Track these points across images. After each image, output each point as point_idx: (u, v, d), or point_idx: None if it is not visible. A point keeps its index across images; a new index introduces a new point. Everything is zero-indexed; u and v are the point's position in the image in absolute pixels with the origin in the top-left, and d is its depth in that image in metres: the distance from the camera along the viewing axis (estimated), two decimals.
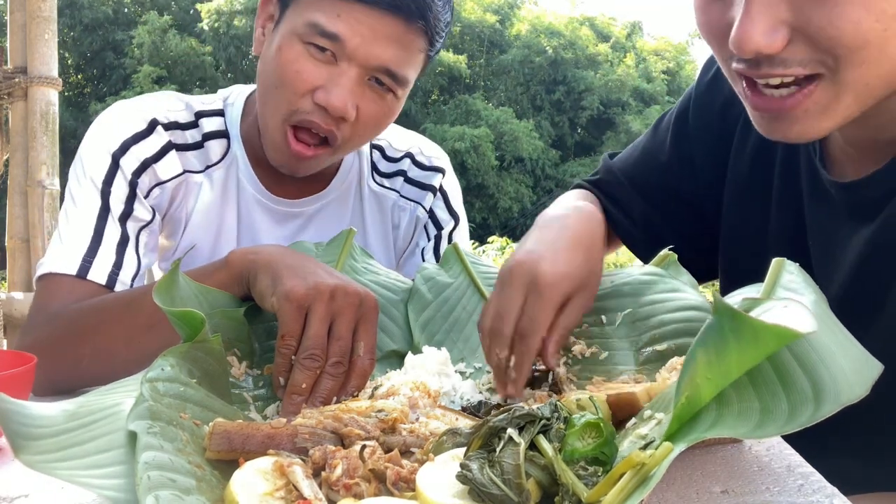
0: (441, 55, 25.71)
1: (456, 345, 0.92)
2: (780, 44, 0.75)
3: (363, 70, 1.08)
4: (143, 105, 1.22)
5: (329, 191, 1.30)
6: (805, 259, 0.92)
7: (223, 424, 0.59)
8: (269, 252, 0.88)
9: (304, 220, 1.30)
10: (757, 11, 0.74)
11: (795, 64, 0.76)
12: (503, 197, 23.86)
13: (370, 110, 1.11)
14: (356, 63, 1.07)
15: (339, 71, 1.07)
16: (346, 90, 1.07)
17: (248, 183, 1.25)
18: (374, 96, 1.10)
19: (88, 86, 25.07)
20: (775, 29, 0.74)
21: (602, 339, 0.87)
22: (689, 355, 0.53)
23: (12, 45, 3.10)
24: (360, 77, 1.08)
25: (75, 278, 1.08)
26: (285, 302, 0.77)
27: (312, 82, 1.07)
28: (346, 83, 1.07)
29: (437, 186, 1.36)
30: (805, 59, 0.76)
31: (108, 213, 1.13)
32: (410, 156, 1.36)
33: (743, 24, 0.75)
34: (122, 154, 1.16)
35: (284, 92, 1.09)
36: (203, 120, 1.25)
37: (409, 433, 0.63)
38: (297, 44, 1.07)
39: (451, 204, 1.37)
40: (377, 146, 1.36)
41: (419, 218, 1.35)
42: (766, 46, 0.75)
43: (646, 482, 0.48)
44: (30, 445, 0.53)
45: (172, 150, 1.20)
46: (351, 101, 1.07)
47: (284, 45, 1.08)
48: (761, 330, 0.51)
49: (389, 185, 1.35)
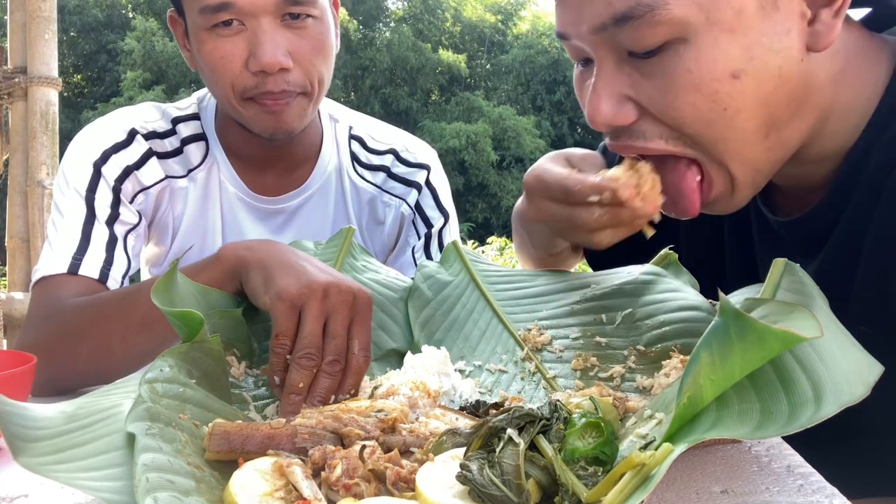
0: (441, 54, 25.74)
1: (455, 343, 0.92)
2: (627, 117, 0.78)
3: (270, 16, 1.10)
4: (121, 117, 1.25)
5: (309, 184, 1.31)
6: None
7: (222, 425, 0.59)
8: (261, 248, 0.87)
9: (287, 215, 1.30)
10: (601, 87, 0.78)
11: (655, 137, 0.78)
12: (506, 196, 23.85)
13: (302, 46, 1.12)
14: (259, 14, 1.09)
15: (252, 31, 1.10)
16: (267, 44, 1.09)
17: (229, 182, 1.27)
18: (295, 31, 1.12)
19: (88, 86, 25.08)
20: (620, 102, 0.77)
21: (602, 337, 0.87)
22: (693, 356, 0.53)
23: (12, 45, 3.10)
24: (274, 23, 1.10)
25: (67, 275, 1.09)
26: (278, 301, 0.77)
27: (239, 56, 1.10)
28: (263, 38, 1.09)
29: (423, 182, 1.36)
30: (665, 134, 0.78)
31: (95, 218, 1.16)
32: (395, 152, 1.37)
33: (591, 100, 0.79)
34: (104, 163, 1.19)
35: (224, 79, 1.12)
36: (180, 125, 1.27)
37: (408, 433, 0.63)
38: (206, 35, 1.11)
39: (441, 200, 1.36)
40: (357, 137, 1.37)
41: (405, 215, 1.35)
42: (613, 118, 0.78)
43: (646, 483, 0.47)
44: (29, 447, 0.52)
45: (153, 157, 1.23)
46: (279, 51, 1.09)
47: (200, 43, 1.12)
48: (766, 333, 0.51)
49: (370, 178, 1.35)
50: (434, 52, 25.04)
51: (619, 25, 0.74)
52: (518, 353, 0.89)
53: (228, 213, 1.27)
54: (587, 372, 0.84)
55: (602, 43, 0.77)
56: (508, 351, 0.90)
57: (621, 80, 0.77)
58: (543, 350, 0.89)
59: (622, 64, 0.78)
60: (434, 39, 26.51)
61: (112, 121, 1.24)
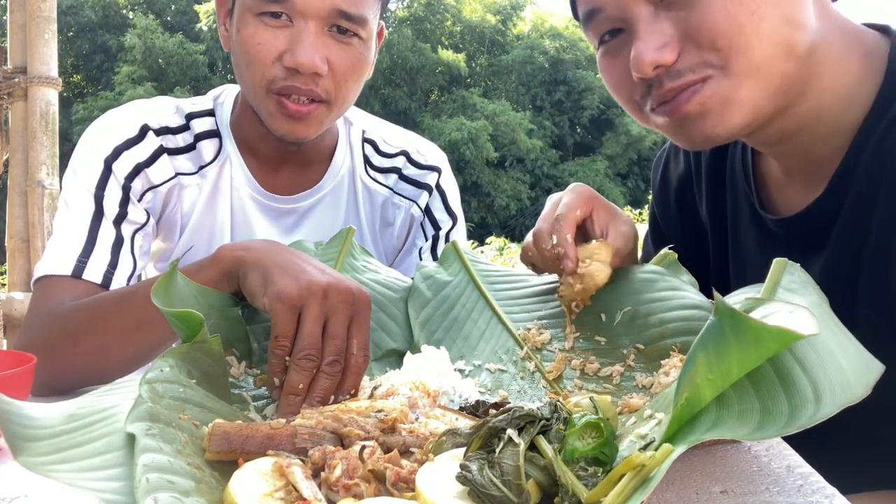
0: (441, 54, 25.73)
1: (455, 343, 0.92)
2: (672, 54, 0.84)
3: (320, 22, 1.10)
4: (134, 111, 1.24)
5: (322, 185, 1.31)
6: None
7: (222, 425, 0.59)
8: (259, 248, 0.87)
9: (299, 215, 1.30)
10: (645, 33, 0.84)
11: (687, 72, 0.84)
12: (500, 195, 23.86)
13: (341, 59, 1.12)
14: (311, 17, 1.09)
15: (297, 30, 1.10)
16: (309, 46, 1.09)
17: (241, 180, 1.26)
18: (339, 45, 1.12)
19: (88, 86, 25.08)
20: (665, 43, 0.84)
21: (601, 336, 0.87)
22: (690, 356, 0.53)
23: (12, 45, 3.10)
24: (320, 29, 1.10)
25: (70, 278, 1.09)
26: (278, 303, 0.77)
27: (277, 48, 1.10)
28: (307, 39, 1.09)
29: (434, 185, 1.36)
30: (695, 65, 0.84)
31: (102, 217, 1.15)
32: (406, 154, 1.37)
33: (637, 48, 0.85)
34: (115, 159, 1.18)
35: (256, 66, 1.11)
36: (194, 121, 1.26)
37: (408, 433, 0.63)
38: (251, 19, 1.11)
39: (450, 204, 1.37)
40: (370, 140, 1.37)
41: (414, 216, 1.35)
42: (661, 59, 0.84)
43: (646, 484, 0.47)
44: (29, 447, 0.52)
45: (164, 154, 1.22)
46: (318, 55, 1.10)
47: (241, 26, 1.12)
48: (762, 332, 0.51)
49: (383, 180, 1.35)
50: (434, 53, 25.06)
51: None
52: (518, 353, 0.89)
53: (238, 210, 1.27)
54: (587, 371, 0.84)
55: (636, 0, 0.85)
56: (508, 350, 0.90)
57: (661, 24, 0.84)
58: (543, 349, 0.89)
59: (658, 11, 0.85)
60: (434, 40, 26.51)
61: (125, 115, 1.23)
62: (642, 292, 0.88)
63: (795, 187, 0.96)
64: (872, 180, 0.85)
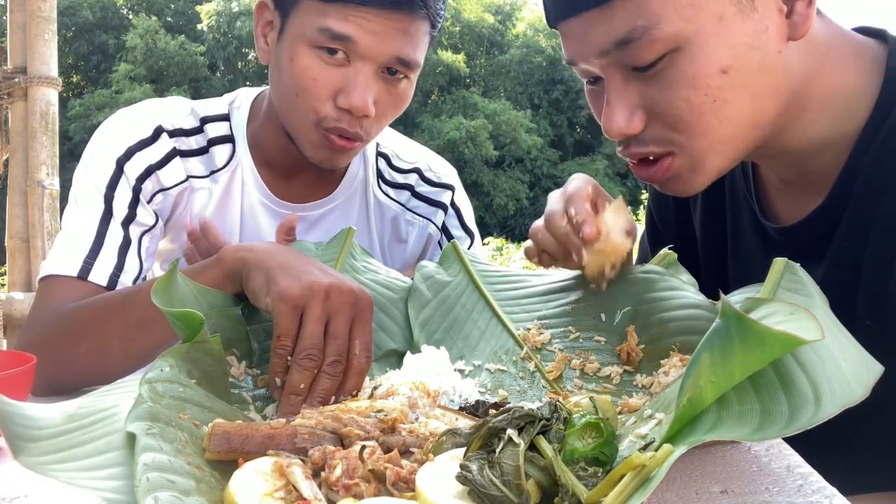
0: (441, 55, 25.74)
1: (455, 343, 0.92)
2: (639, 124, 0.87)
3: (376, 65, 1.10)
4: (148, 111, 1.23)
5: (335, 196, 1.31)
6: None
7: (222, 425, 0.59)
8: (262, 249, 0.87)
9: (309, 224, 1.30)
10: (615, 100, 0.87)
11: (651, 143, 0.88)
12: (499, 195, 23.86)
13: (386, 100, 1.13)
14: (369, 60, 1.09)
15: (354, 71, 1.09)
16: (364, 89, 1.09)
17: (253, 187, 1.26)
18: (388, 87, 1.13)
19: (87, 87, 25.06)
20: (632, 113, 0.86)
21: (601, 336, 0.87)
22: (694, 357, 0.53)
23: (12, 45, 3.10)
24: (375, 72, 1.10)
25: (76, 279, 1.09)
26: (280, 303, 0.77)
27: (331, 87, 1.09)
28: (362, 82, 1.09)
29: (449, 203, 1.37)
30: (659, 139, 0.87)
31: (111, 217, 1.14)
32: (418, 171, 1.37)
33: (607, 114, 0.88)
34: (127, 160, 1.17)
35: (307, 99, 1.11)
36: (208, 125, 1.26)
37: (408, 433, 0.63)
38: (307, 50, 1.09)
39: (465, 221, 1.38)
40: (383, 154, 1.37)
41: (431, 235, 1.36)
42: (627, 129, 0.87)
43: (646, 484, 0.47)
44: (29, 447, 0.52)
45: (176, 156, 1.21)
46: (370, 97, 1.10)
47: (295, 54, 1.10)
48: (767, 336, 0.51)
49: (395, 196, 1.36)
50: (434, 53, 25.05)
51: (621, 48, 0.83)
52: (518, 353, 0.89)
53: (249, 216, 1.27)
54: (587, 371, 0.84)
55: (608, 64, 0.86)
56: (508, 350, 0.90)
57: (630, 93, 0.86)
58: (543, 349, 0.89)
59: (628, 78, 0.86)
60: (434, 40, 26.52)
61: (140, 115, 1.22)
62: (642, 292, 0.88)
63: (796, 196, 0.97)
64: (872, 188, 0.86)
